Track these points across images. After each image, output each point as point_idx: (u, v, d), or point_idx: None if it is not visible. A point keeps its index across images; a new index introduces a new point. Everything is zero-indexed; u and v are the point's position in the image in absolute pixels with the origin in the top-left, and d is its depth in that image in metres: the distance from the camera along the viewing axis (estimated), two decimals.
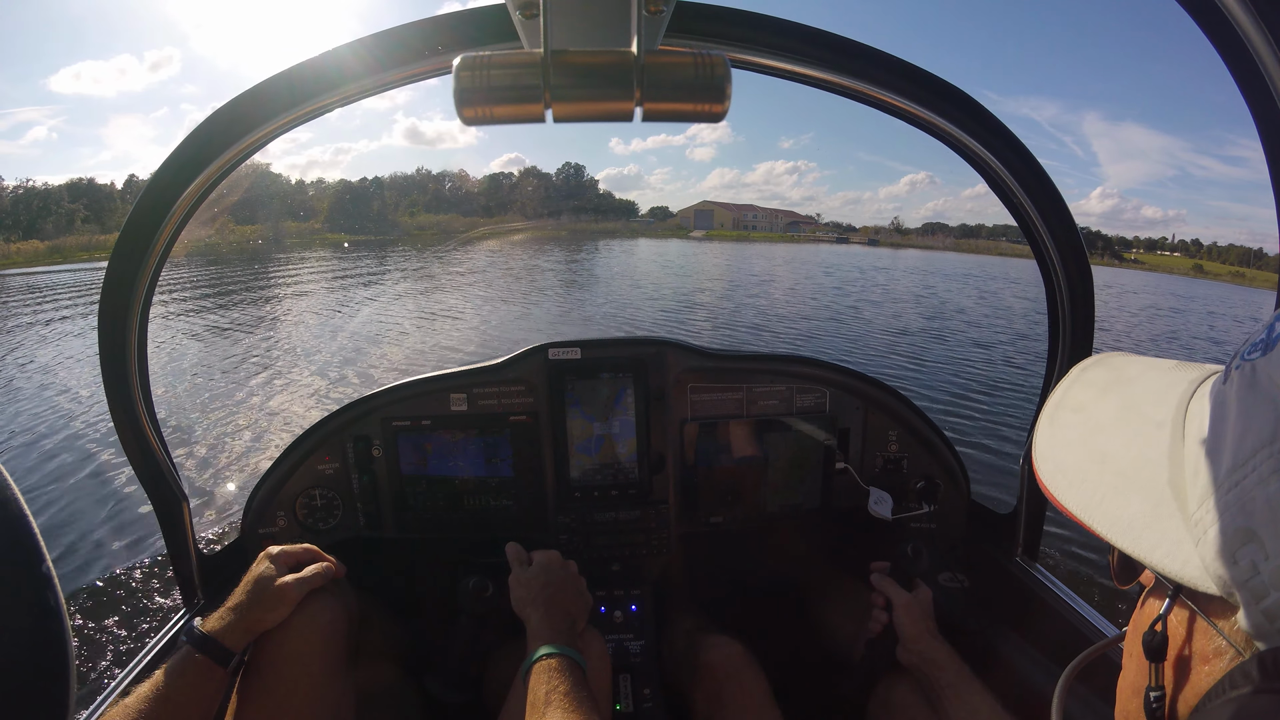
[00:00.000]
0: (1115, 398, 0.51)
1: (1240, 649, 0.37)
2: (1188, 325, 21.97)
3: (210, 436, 6.18)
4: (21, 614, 0.36)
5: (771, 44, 0.89)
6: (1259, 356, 0.38)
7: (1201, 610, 0.39)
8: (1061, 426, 0.52)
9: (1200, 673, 0.39)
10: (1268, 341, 0.38)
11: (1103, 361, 0.56)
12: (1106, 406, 0.50)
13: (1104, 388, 0.52)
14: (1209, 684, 0.37)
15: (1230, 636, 0.37)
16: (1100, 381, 0.54)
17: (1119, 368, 0.54)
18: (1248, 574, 0.34)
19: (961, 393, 8.02)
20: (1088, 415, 0.51)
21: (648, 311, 15.74)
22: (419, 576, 1.59)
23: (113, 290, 1.05)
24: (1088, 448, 0.48)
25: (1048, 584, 1.32)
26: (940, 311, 17.82)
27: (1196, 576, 0.37)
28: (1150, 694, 0.41)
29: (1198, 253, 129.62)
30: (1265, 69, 0.65)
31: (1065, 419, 0.52)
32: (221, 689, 1.02)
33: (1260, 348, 0.39)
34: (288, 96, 0.91)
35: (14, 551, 0.36)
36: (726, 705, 1.24)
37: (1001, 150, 1.06)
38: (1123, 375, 0.53)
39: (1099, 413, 0.51)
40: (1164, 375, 0.49)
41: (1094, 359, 0.57)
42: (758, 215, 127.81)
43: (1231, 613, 0.37)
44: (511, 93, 0.53)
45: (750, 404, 1.60)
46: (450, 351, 10.47)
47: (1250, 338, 0.41)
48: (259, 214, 71.03)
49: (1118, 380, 0.52)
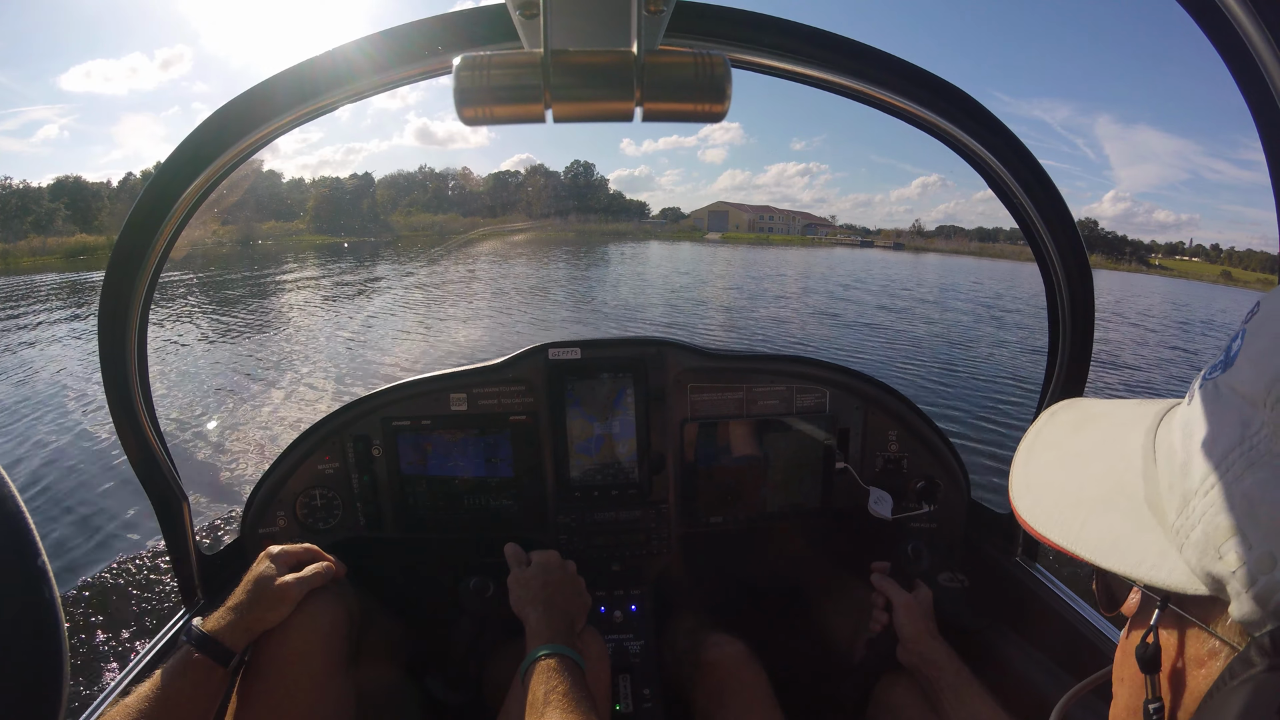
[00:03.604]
0: (1087, 434, 0.54)
1: (1235, 644, 0.38)
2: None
3: (210, 436, 6.18)
4: (17, 606, 0.36)
5: (772, 44, 0.89)
6: (1220, 374, 0.41)
7: (1191, 615, 0.41)
8: (1037, 463, 0.55)
9: (1197, 676, 0.40)
10: (1227, 360, 0.41)
11: (1071, 406, 0.60)
12: (1079, 442, 0.53)
13: (1075, 426, 0.56)
14: (1207, 685, 0.38)
15: (1224, 635, 0.39)
16: (1071, 421, 0.57)
17: (1086, 408, 0.58)
18: (1234, 565, 0.36)
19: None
20: (1062, 451, 0.54)
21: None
22: (419, 576, 1.59)
23: (113, 289, 1.05)
24: (1065, 480, 0.51)
25: (1047, 584, 1.32)
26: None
27: (1184, 581, 0.39)
28: (1149, 706, 0.42)
29: (1218, 257, 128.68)
30: (1265, 69, 0.65)
31: (1040, 456, 0.55)
32: (222, 689, 1.02)
33: (1220, 366, 0.42)
34: (288, 96, 0.91)
35: (10, 546, 0.37)
36: (726, 705, 1.24)
37: (1002, 150, 1.06)
38: (1090, 414, 0.56)
39: (1072, 447, 0.53)
40: (1130, 410, 0.52)
41: (1062, 404, 0.60)
42: (774, 217, 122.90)
43: (1222, 612, 0.38)
44: (512, 92, 0.53)
45: (750, 404, 1.60)
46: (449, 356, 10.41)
47: (1210, 361, 0.44)
48: (239, 213, 67.30)
49: (1087, 418, 0.56)
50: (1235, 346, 0.41)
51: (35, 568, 0.37)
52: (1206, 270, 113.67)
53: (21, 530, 0.37)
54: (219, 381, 8.41)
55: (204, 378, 8.62)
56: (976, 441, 6.14)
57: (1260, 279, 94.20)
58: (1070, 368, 1.25)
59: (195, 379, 8.53)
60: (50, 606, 0.38)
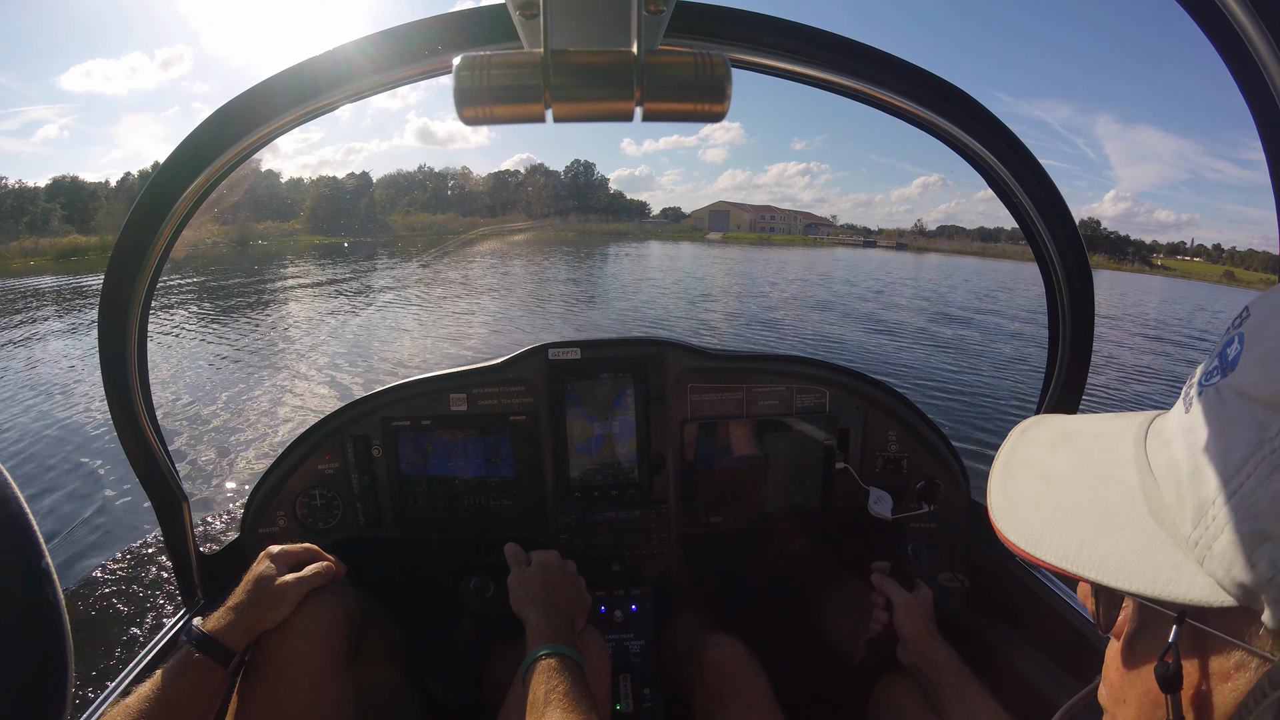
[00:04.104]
0: (1065, 451, 0.51)
1: (1268, 655, 0.36)
2: None
3: (210, 436, 6.18)
4: (21, 608, 0.36)
5: (771, 44, 0.89)
6: (1219, 379, 0.40)
7: (1213, 629, 0.39)
8: (1016, 484, 0.52)
9: (1223, 690, 0.38)
10: (1224, 365, 0.40)
11: (1040, 422, 0.57)
12: (1059, 460, 0.51)
13: (1051, 444, 0.53)
14: (1235, 698, 0.37)
15: (1255, 646, 0.37)
16: (1045, 439, 0.54)
17: (1059, 425, 0.55)
18: (1269, 573, 0.35)
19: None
20: (1042, 470, 0.51)
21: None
22: (419, 576, 1.59)
23: (113, 289, 1.05)
24: (1050, 500, 0.48)
25: (1048, 584, 1.32)
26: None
27: (1206, 594, 0.37)
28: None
29: (1219, 257, 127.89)
30: (1265, 69, 0.65)
31: (1018, 476, 0.53)
32: (222, 689, 1.02)
33: (1217, 372, 0.40)
34: (288, 96, 0.91)
35: (14, 547, 0.37)
36: (727, 705, 1.24)
37: (1002, 150, 1.06)
38: (1065, 431, 0.54)
39: (1053, 466, 0.51)
40: (1106, 424, 0.51)
41: (1030, 420, 0.58)
42: (776, 216, 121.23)
43: (1250, 622, 0.37)
44: (512, 92, 0.53)
45: (750, 404, 1.60)
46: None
47: (1203, 367, 0.43)
48: (237, 213, 66.21)
49: (1060, 435, 0.53)
50: (1233, 351, 0.40)
51: (39, 569, 0.37)
52: (1209, 270, 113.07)
53: (25, 532, 0.37)
54: (219, 381, 8.41)
55: (204, 378, 8.62)
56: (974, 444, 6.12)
57: (1263, 279, 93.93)
58: (1070, 367, 1.25)
59: (195, 379, 8.53)
60: (54, 608, 0.38)
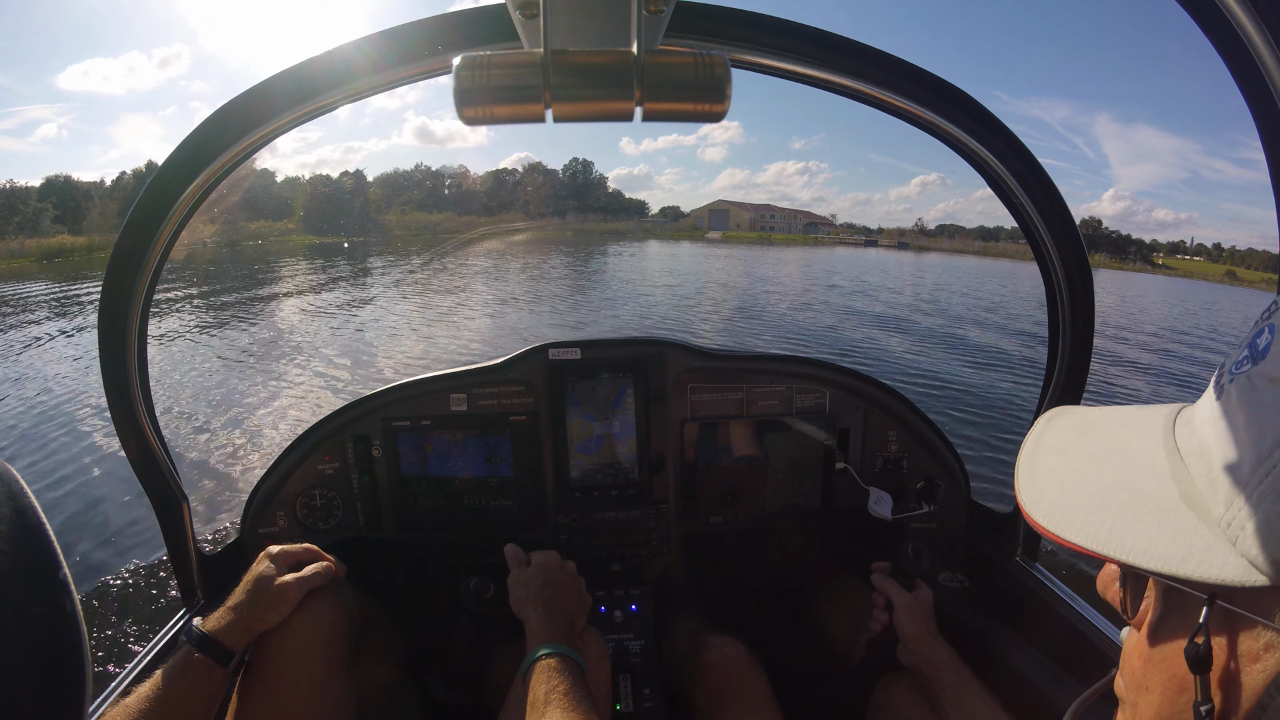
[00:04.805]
0: (1092, 438, 0.53)
1: None
2: None
3: (211, 436, 6.18)
4: (41, 619, 0.36)
5: (771, 44, 0.89)
6: (1250, 367, 0.41)
7: (1243, 609, 0.40)
8: (1044, 470, 0.53)
9: (1252, 671, 0.39)
10: (1254, 354, 0.41)
11: (1066, 412, 0.59)
12: (1086, 447, 0.52)
13: (1078, 431, 0.55)
14: (1265, 679, 0.38)
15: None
16: (1072, 427, 0.56)
17: (1084, 414, 0.57)
18: None
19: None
20: (1069, 456, 0.53)
21: None
22: (419, 576, 1.59)
23: (113, 289, 1.05)
24: (1079, 484, 0.49)
25: (1048, 584, 1.32)
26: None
27: (1239, 574, 0.38)
28: (1200, 709, 0.41)
29: (1219, 256, 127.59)
30: (1265, 69, 0.65)
31: (1046, 462, 0.54)
32: (222, 689, 1.02)
33: (1248, 360, 0.42)
34: (287, 96, 0.91)
35: (33, 559, 0.37)
36: (727, 705, 1.24)
37: (1002, 150, 1.06)
38: (1089, 420, 0.55)
39: (1080, 453, 0.52)
40: (1132, 415, 0.52)
41: (1057, 410, 0.60)
42: (776, 215, 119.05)
43: (1278, 604, 0.38)
44: (512, 92, 0.53)
45: (750, 404, 1.60)
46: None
47: (1232, 357, 0.44)
48: (233, 213, 65.12)
49: (1088, 423, 0.55)
50: (1263, 341, 0.41)
51: (57, 580, 0.38)
52: (1210, 270, 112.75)
53: (43, 543, 0.38)
54: (219, 381, 8.41)
55: (204, 378, 8.61)
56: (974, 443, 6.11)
57: (1265, 278, 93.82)
58: (1070, 367, 1.25)
59: (195, 379, 8.53)
60: (72, 619, 0.38)
